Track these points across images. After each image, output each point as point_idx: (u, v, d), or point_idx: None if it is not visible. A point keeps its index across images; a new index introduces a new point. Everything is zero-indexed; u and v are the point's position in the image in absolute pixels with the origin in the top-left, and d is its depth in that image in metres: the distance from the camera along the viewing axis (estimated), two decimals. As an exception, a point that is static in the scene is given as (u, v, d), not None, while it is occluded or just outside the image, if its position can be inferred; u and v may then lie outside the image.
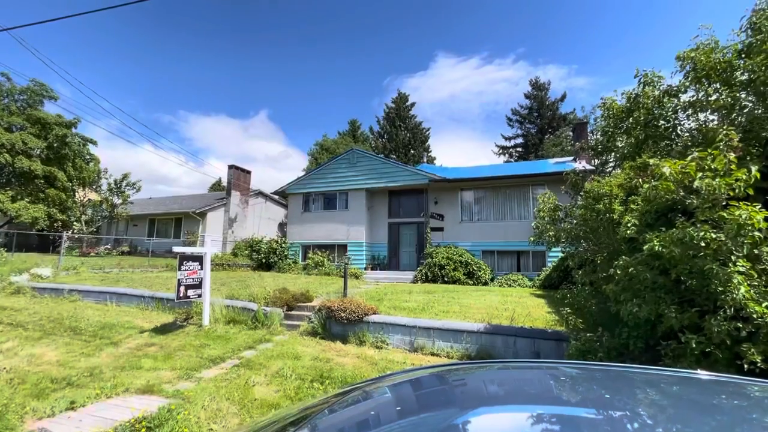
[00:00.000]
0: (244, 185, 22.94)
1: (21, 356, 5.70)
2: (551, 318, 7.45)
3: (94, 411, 3.94)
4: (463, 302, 8.93)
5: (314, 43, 77.96)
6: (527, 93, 40.02)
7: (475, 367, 1.69)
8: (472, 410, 1.01)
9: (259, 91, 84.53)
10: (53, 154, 20.07)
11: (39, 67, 53.10)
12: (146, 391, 4.52)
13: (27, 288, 10.08)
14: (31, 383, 4.61)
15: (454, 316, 7.56)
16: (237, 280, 11.93)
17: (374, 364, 5.86)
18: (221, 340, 6.69)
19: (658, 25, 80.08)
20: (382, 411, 1.14)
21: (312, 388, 4.79)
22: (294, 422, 1.08)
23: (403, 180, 16.29)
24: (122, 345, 6.37)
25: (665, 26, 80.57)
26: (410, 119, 41.57)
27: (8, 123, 18.71)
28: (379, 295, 9.58)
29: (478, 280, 13.38)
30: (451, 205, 16.10)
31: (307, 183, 18.41)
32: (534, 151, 37.69)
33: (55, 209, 19.62)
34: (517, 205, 15.15)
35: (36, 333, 6.86)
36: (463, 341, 6.52)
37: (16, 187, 18.64)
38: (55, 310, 8.41)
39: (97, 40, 71.12)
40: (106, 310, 8.60)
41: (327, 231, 17.51)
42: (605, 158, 6.61)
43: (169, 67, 75.72)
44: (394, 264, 16.86)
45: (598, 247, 5.27)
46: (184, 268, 7.26)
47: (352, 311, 7.09)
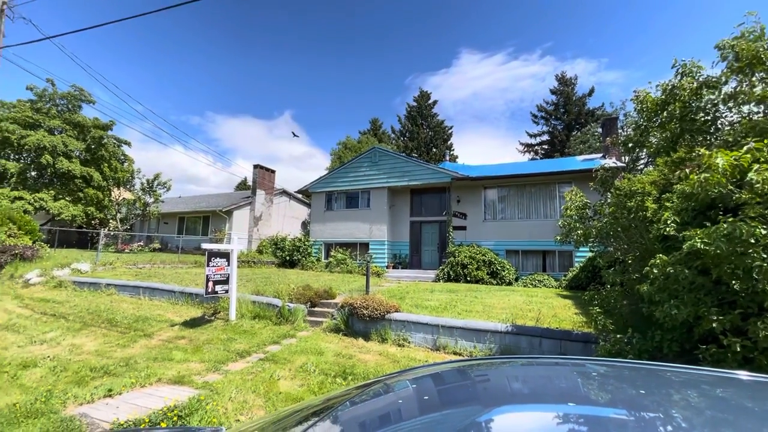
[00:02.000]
0: (269, 184, 23.43)
1: (63, 346, 6.03)
2: (578, 319, 7.23)
3: (130, 399, 4.12)
4: (487, 302, 8.80)
5: (336, 44, 78.59)
6: (553, 88, 38.95)
7: (498, 363, 1.65)
8: (495, 408, 0.98)
9: (283, 92, 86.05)
10: (90, 155, 21.13)
11: (77, 72, 56.33)
12: (177, 381, 4.70)
13: (68, 282, 10.66)
14: (72, 371, 4.88)
15: (477, 315, 7.46)
16: (262, 276, 12.20)
17: (396, 362, 5.86)
18: (247, 335, 6.86)
19: (696, 14, 76.11)
20: (404, 405, 1.13)
21: (335, 384, 4.84)
22: (316, 412, 1.09)
23: (425, 178, 16.20)
24: (154, 337, 6.64)
25: (703, 15, 76.47)
26: (432, 117, 41.27)
27: (50, 126, 19.82)
28: (401, 294, 9.57)
29: (502, 280, 13.14)
30: (474, 203, 15.88)
31: (329, 182, 18.60)
32: (560, 149, 36.66)
33: (93, 208, 20.65)
34: (543, 204, 14.78)
35: (76, 324, 7.24)
36: (487, 341, 6.43)
37: (57, 186, 19.72)
38: (94, 303, 8.85)
39: (130, 45, 74.27)
40: (140, 304, 8.99)
41: (349, 229, 17.63)
42: (637, 154, 6.36)
43: (197, 69, 78.18)
44: (416, 262, 16.80)
45: (630, 246, 5.07)
46: (212, 264, 7.49)
47: (375, 309, 7.11)
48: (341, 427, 0.97)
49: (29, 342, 6.15)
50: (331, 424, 0.97)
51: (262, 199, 22.74)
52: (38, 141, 18.35)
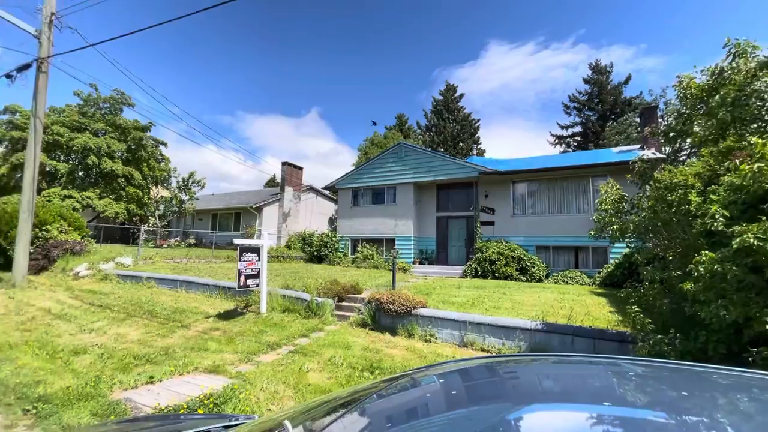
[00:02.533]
0: (297, 181, 23.89)
1: (109, 334, 6.43)
2: (613, 318, 6.95)
3: (169, 386, 4.34)
4: (516, 299, 8.61)
5: (361, 40, 78.66)
6: (587, 77, 37.30)
7: (528, 360, 1.61)
8: (525, 406, 0.95)
9: (310, 89, 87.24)
10: (131, 155, 22.31)
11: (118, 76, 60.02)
12: (212, 370, 4.90)
13: (113, 275, 11.34)
14: (118, 358, 5.19)
15: (505, 312, 7.32)
16: (290, 271, 12.48)
17: (423, 357, 5.86)
18: (277, 328, 7.05)
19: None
20: (431, 400, 1.12)
21: (362, 377, 4.90)
22: (344, 404, 1.10)
23: (452, 173, 15.99)
24: (191, 328, 6.96)
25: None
26: (459, 111, 40.59)
27: (95, 129, 21.06)
28: (428, 289, 9.53)
29: (532, 277, 12.81)
30: (502, 198, 15.53)
31: (355, 178, 18.73)
32: (594, 140, 35.15)
33: (133, 205, 21.82)
34: (576, 198, 14.25)
35: (120, 315, 7.70)
36: (516, 338, 6.30)
37: (102, 185, 20.97)
38: (136, 295, 9.37)
39: (165, 49, 77.41)
40: (177, 296, 9.43)
41: (375, 225, 17.71)
42: (679, 145, 6.00)
43: (227, 70, 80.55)
44: (443, 258, 16.66)
45: (670, 241, 4.80)
46: (244, 259, 7.73)
47: (401, 304, 7.12)
48: (369, 419, 0.98)
49: (79, 330, 6.60)
50: (359, 417, 0.98)
51: (290, 195, 23.24)
52: (85, 143, 19.54)
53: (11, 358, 4.90)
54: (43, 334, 6.24)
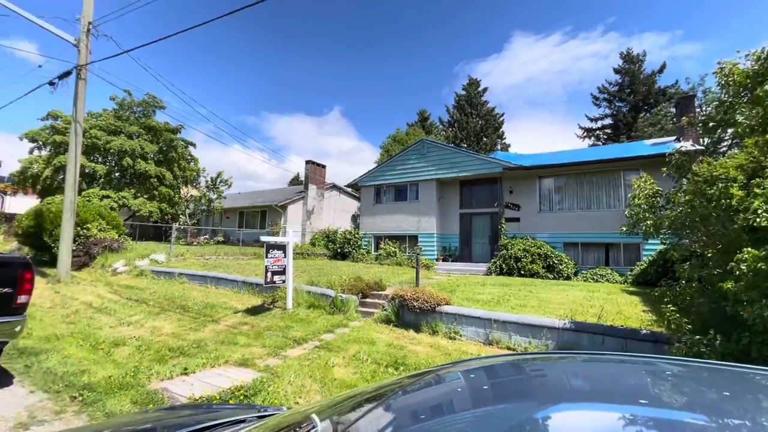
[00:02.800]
0: (320, 179, 24.19)
1: (145, 327, 6.75)
2: (647, 317, 6.69)
3: (202, 377, 4.52)
4: (542, 297, 8.43)
5: (383, 37, 78.52)
6: (617, 67, 35.80)
7: (556, 358, 1.57)
8: (552, 405, 0.93)
9: (333, 88, 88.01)
10: (162, 156, 23.21)
11: (149, 80, 62.84)
12: (242, 364, 5.06)
13: (148, 271, 11.87)
14: (154, 350, 5.44)
15: (532, 310, 7.18)
16: (315, 268, 12.68)
17: (447, 354, 5.83)
18: (303, 323, 7.20)
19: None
20: (456, 396, 1.11)
21: (387, 373, 4.93)
22: (370, 399, 1.11)
23: (475, 169, 15.77)
24: (221, 322, 7.20)
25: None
26: (482, 106, 39.90)
27: (129, 132, 22.04)
28: (452, 287, 9.46)
29: (559, 274, 12.49)
30: (528, 194, 15.19)
31: (378, 175, 18.77)
32: (625, 132, 33.74)
33: (165, 204, 22.70)
34: (606, 193, 13.75)
35: (155, 309, 8.06)
36: (543, 337, 6.17)
37: (136, 185, 21.92)
38: (169, 290, 9.78)
39: (193, 53, 79.81)
40: (207, 292, 9.77)
41: (398, 222, 17.72)
42: (719, 135, 5.68)
43: (252, 72, 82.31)
44: (466, 255, 16.48)
45: (709, 237, 4.56)
46: (270, 255, 7.92)
47: (425, 301, 7.11)
48: (395, 415, 0.98)
49: (118, 323, 6.96)
50: (385, 412, 0.99)
51: (313, 193, 23.56)
52: (120, 145, 20.48)
53: (58, 349, 5.23)
54: (86, 326, 6.62)
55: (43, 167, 20.27)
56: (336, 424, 0.92)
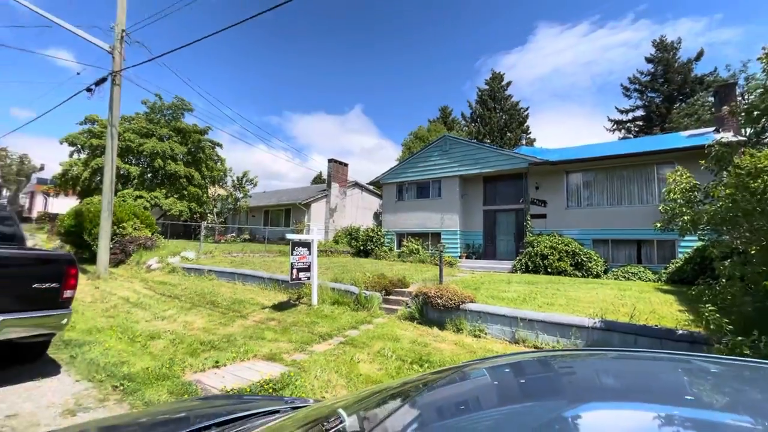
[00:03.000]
0: (343, 177, 24.39)
1: (178, 322, 7.03)
2: (683, 317, 6.41)
3: (232, 370, 4.68)
4: (571, 295, 8.21)
5: (403, 33, 78.15)
6: (650, 56, 34.21)
7: (585, 355, 1.53)
8: (583, 403, 0.90)
9: (354, 86, 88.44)
10: (191, 157, 24.02)
11: (178, 84, 65.20)
12: (269, 358, 5.19)
13: (179, 268, 12.35)
14: (187, 344, 5.66)
15: (559, 309, 7.01)
16: (338, 265, 12.83)
17: (472, 352, 5.78)
18: (328, 319, 7.30)
19: None
20: (482, 394, 1.10)
21: (411, 369, 4.95)
22: (394, 395, 1.12)
23: (499, 165, 15.49)
24: (249, 318, 7.41)
25: None
26: (506, 100, 39.11)
27: (160, 134, 22.93)
28: (476, 284, 9.36)
29: (588, 272, 12.12)
30: (554, 190, 14.79)
31: (400, 173, 18.75)
32: (659, 124, 32.26)
33: (194, 203, 23.51)
34: (638, 188, 13.21)
35: (187, 304, 8.38)
36: (572, 336, 6.01)
37: (167, 186, 22.81)
38: (199, 286, 10.14)
39: (218, 56, 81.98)
40: (235, 288, 10.07)
41: (420, 219, 17.66)
42: (763, 125, 5.34)
43: (275, 72, 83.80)
44: (490, 253, 16.24)
45: (753, 234, 4.31)
46: (296, 253, 8.07)
47: (449, 298, 7.06)
48: (420, 411, 0.97)
49: (153, 317, 7.28)
50: (410, 408, 0.98)
51: (336, 191, 23.79)
52: (152, 147, 21.35)
53: (100, 341, 5.53)
54: (124, 320, 6.96)
55: (82, 169, 21.38)
56: (362, 419, 0.93)
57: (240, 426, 1.25)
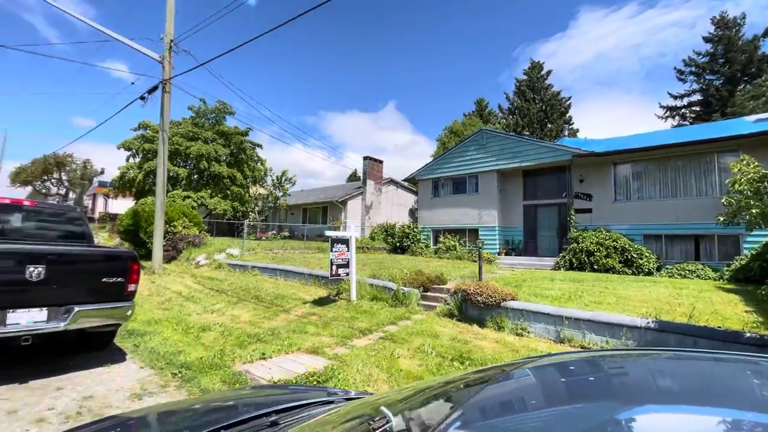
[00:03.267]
0: (378, 174, 24.54)
1: (226, 315, 7.41)
2: (750, 319, 5.90)
3: (278, 362, 4.87)
4: (620, 293, 7.79)
5: (437, 27, 77.02)
6: (708, 35, 31.48)
7: (637, 355, 1.45)
8: (636, 406, 0.85)
9: (387, 83, 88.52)
10: (233, 158, 25.12)
11: (220, 87, 69.02)
12: (312, 351, 5.35)
13: (225, 264, 13.00)
14: (235, 336, 5.96)
15: (608, 308, 6.68)
16: (375, 261, 12.94)
17: (515, 351, 5.64)
18: (367, 315, 7.41)
19: None
20: (527, 394, 1.07)
21: (452, 366, 4.91)
22: (437, 395, 1.11)
23: (540, 158, 14.93)
24: (291, 312, 7.67)
25: None
26: (546, 90, 37.55)
27: (205, 137, 24.16)
28: (517, 281, 9.11)
29: (639, 269, 11.42)
30: (601, 182, 14.04)
31: (435, 168, 18.57)
32: (719, 109, 29.67)
33: (237, 203, 24.60)
34: (695, 179, 12.25)
35: (233, 299, 8.81)
36: (623, 337, 5.71)
37: (211, 186, 24.03)
38: (244, 281, 10.62)
39: (257, 59, 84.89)
40: (277, 284, 10.45)
41: (457, 215, 17.42)
42: None
43: (310, 73, 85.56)
44: (531, 249, 15.72)
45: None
46: (335, 249, 8.24)
47: (489, 296, 6.93)
48: (463, 410, 0.96)
49: (204, 311, 7.73)
50: (456, 408, 0.97)
51: (371, 188, 23.98)
52: (198, 150, 22.55)
53: (158, 332, 5.95)
54: (178, 312, 7.44)
55: (137, 172, 23.00)
56: (408, 420, 0.93)
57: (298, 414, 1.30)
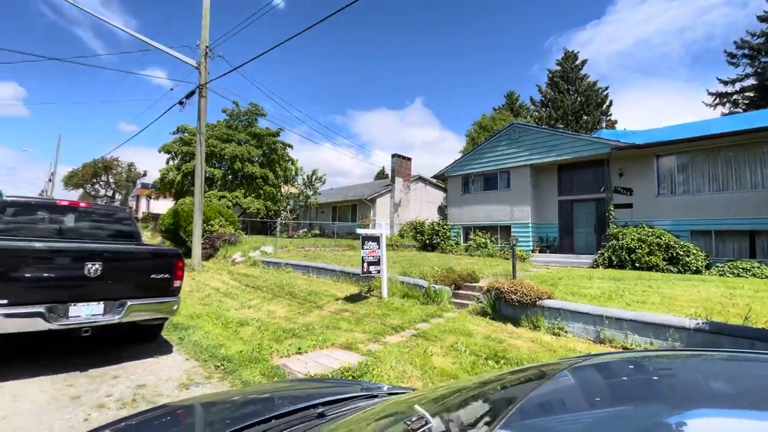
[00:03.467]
0: (406, 172, 24.49)
1: (262, 311, 7.66)
2: (818, 322, 5.41)
3: (313, 357, 4.98)
4: (665, 292, 7.39)
5: (465, 22, 75.66)
6: (763, 14, 29.03)
7: (686, 356, 1.36)
8: (688, 409, 0.80)
9: (413, 80, 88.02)
10: (265, 159, 25.86)
11: (252, 90, 71.56)
12: (346, 347, 5.43)
13: (259, 261, 13.42)
14: (271, 331, 6.15)
15: (653, 308, 6.36)
16: (405, 259, 12.94)
17: (552, 351, 5.48)
18: (398, 312, 7.42)
19: None
20: (568, 396, 1.02)
21: (487, 365, 4.84)
22: (475, 396, 1.09)
23: (576, 151, 14.36)
24: (324, 308, 7.81)
25: None
26: (581, 80, 36.04)
27: (238, 139, 25.01)
28: (552, 280, 8.84)
29: (686, 267, 10.77)
30: (642, 176, 13.33)
31: (465, 164, 18.30)
32: (776, 94, 27.34)
33: (269, 202, 25.32)
34: (750, 170, 11.38)
35: (269, 295, 9.08)
36: (669, 338, 5.41)
37: (245, 186, 24.86)
38: (278, 278, 10.92)
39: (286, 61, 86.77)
40: (310, 281, 10.67)
41: (488, 212, 17.09)
42: None
43: (338, 72, 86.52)
44: (567, 246, 15.18)
45: None
46: (366, 247, 8.31)
47: (524, 294, 6.76)
48: (501, 412, 0.94)
49: (241, 306, 8.02)
50: (490, 408, 0.95)
51: (400, 186, 23.97)
52: (232, 151, 23.39)
53: (200, 326, 6.24)
54: (217, 308, 7.76)
55: (176, 174, 24.15)
56: (447, 422, 0.92)
57: (344, 407, 1.33)
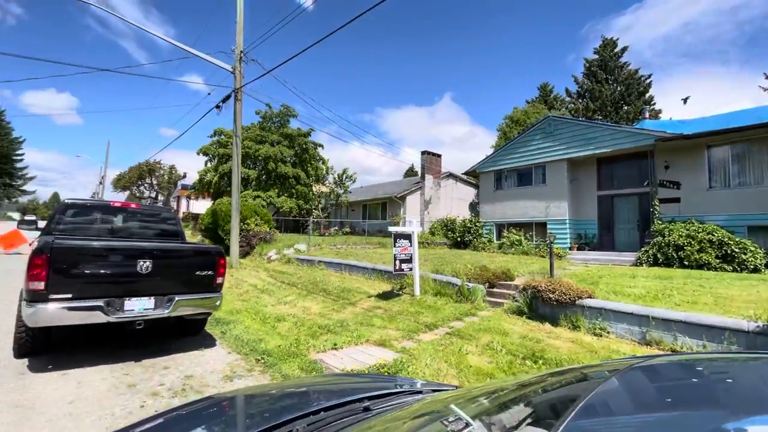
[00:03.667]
0: (436, 168, 24.27)
1: (298, 307, 7.86)
2: None
3: (349, 353, 5.06)
4: (719, 292, 6.90)
5: (494, 15, 73.82)
6: (831, -13, 26.32)
7: (744, 359, 1.27)
8: (749, 416, 0.74)
9: (442, 76, 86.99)
10: (297, 159, 26.44)
11: (284, 91, 73.34)
12: (380, 344, 5.48)
13: (293, 259, 13.77)
14: (307, 327, 6.30)
15: (705, 308, 5.96)
16: (437, 257, 12.84)
17: (593, 352, 5.27)
18: (431, 310, 7.39)
19: None
20: (613, 399, 0.96)
21: (524, 365, 4.73)
22: (515, 399, 1.06)
23: (618, 144, 13.66)
24: (357, 305, 7.90)
25: None
26: (621, 69, 34.22)
27: (271, 140, 25.72)
28: (592, 278, 8.48)
29: (742, 266, 10.00)
30: (690, 168, 12.50)
31: (497, 160, 17.88)
32: None
33: (301, 201, 25.88)
34: (817, 159, 10.39)
35: (303, 291, 9.30)
36: (724, 341, 5.06)
37: (278, 186, 25.54)
38: (312, 275, 11.16)
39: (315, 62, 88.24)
40: (343, 278, 10.83)
41: (522, 208, 16.62)
42: None
43: (366, 70, 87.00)
44: (607, 243, 14.50)
45: None
46: (398, 244, 8.33)
47: (563, 293, 6.53)
48: (543, 415, 0.91)
49: (277, 302, 8.27)
50: (531, 411, 0.92)
51: (430, 183, 23.79)
52: (266, 152, 24.09)
53: (240, 321, 6.50)
54: (255, 303, 8.05)
55: (213, 175, 25.18)
56: (489, 425, 0.90)
57: (389, 401, 1.34)
